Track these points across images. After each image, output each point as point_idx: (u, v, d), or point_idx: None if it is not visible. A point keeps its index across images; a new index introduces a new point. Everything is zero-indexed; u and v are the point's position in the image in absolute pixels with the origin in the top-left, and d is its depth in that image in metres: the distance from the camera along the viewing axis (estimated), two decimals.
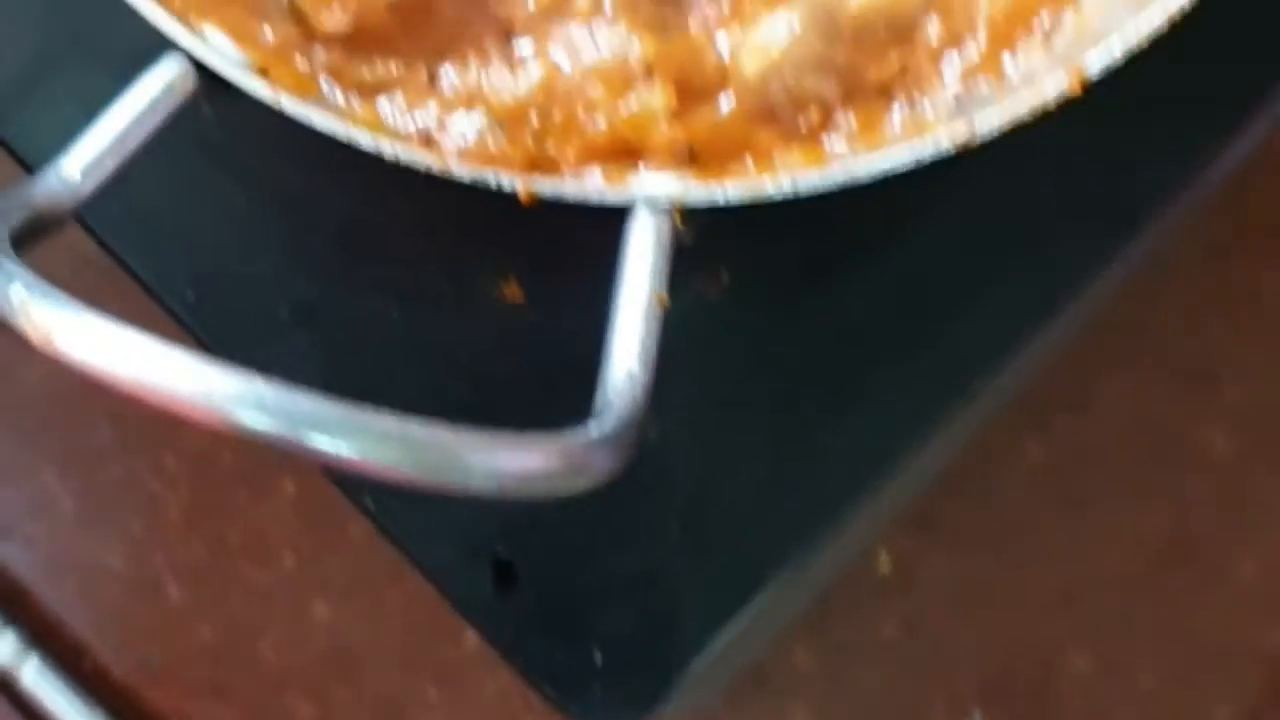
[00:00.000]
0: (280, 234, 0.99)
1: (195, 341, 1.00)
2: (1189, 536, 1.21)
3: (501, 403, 1.00)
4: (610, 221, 0.84)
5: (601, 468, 0.69)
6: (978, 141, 0.82)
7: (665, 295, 0.78)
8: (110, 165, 0.78)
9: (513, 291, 0.98)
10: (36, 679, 1.19)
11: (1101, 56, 0.81)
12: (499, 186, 0.81)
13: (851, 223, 1.01)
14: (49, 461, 1.22)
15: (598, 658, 0.99)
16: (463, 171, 0.80)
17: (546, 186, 0.81)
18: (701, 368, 1.01)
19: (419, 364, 1.00)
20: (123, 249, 0.99)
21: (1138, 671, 1.22)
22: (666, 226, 0.79)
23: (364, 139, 0.80)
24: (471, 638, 1.21)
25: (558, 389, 1.00)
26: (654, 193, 0.81)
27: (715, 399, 1.01)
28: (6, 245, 0.69)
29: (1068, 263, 1.03)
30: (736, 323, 1.01)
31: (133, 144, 0.79)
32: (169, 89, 0.80)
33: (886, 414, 1.02)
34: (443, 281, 1.00)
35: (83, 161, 0.77)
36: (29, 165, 0.98)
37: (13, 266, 0.67)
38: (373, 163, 0.82)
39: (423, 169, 0.81)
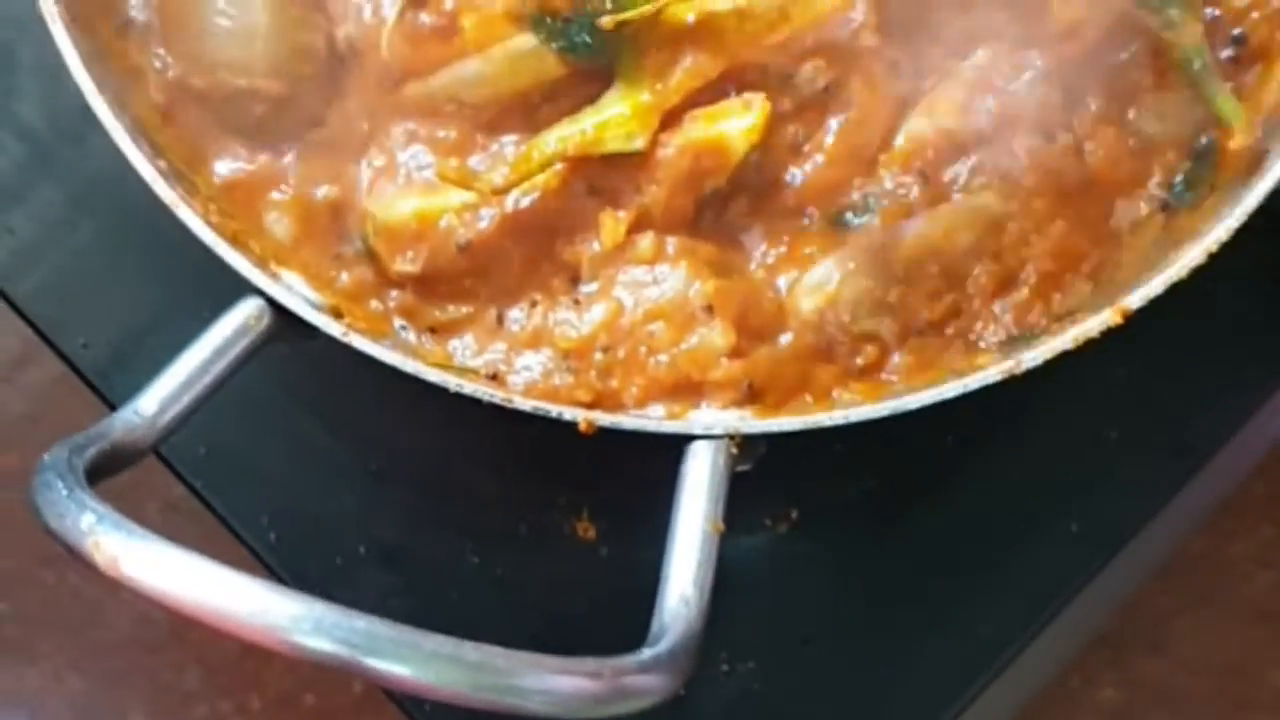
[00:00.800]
0: (358, 472, 1.02)
1: (276, 580, 1.01)
2: None
3: (574, 636, 1.01)
4: (678, 461, 0.86)
5: (654, 689, 0.70)
6: (1022, 370, 0.83)
7: (721, 523, 0.80)
8: (187, 401, 0.81)
9: (585, 527, 1.00)
10: None
11: (1146, 292, 0.83)
12: (559, 416, 0.83)
13: (916, 457, 1.03)
14: (137, 702, 1.24)
15: None
16: (524, 404, 0.83)
17: (605, 418, 0.83)
18: (770, 600, 1.02)
19: (494, 600, 1.02)
20: (204, 487, 1.02)
21: None
22: (722, 456, 0.81)
23: (432, 375, 0.83)
24: None
25: (629, 621, 1.02)
26: (712, 424, 0.83)
27: (783, 634, 1.02)
28: (81, 478, 0.72)
29: (1131, 497, 1.03)
30: (806, 557, 1.02)
31: (209, 381, 0.82)
32: (244, 328, 0.83)
33: (950, 653, 1.03)
34: (517, 520, 1.02)
35: (160, 398, 0.80)
36: (112, 404, 1.01)
37: (85, 497, 0.70)
38: (446, 400, 0.85)
39: (486, 401, 0.83)
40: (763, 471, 0.88)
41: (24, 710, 1.22)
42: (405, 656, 0.65)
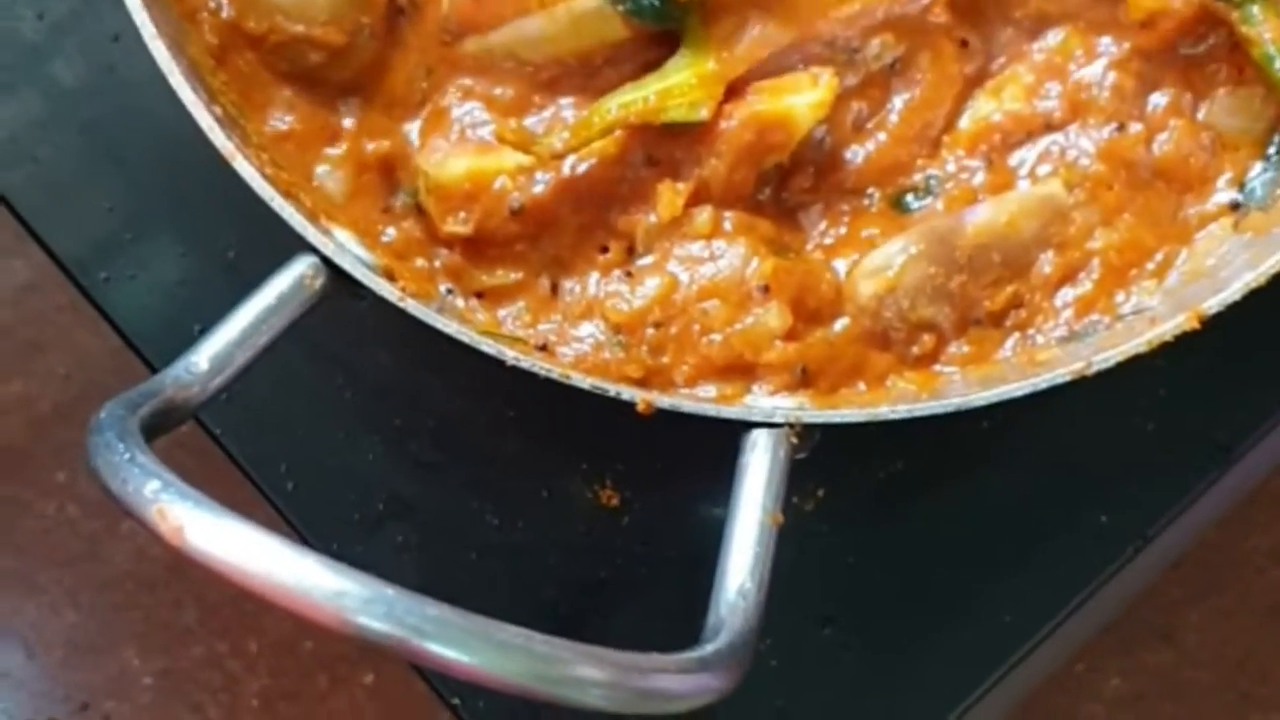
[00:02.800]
0: (383, 428, 1.00)
1: (290, 529, 1.00)
2: None
3: (591, 603, 1.00)
4: (716, 434, 0.84)
5: (715, 687, 0.69)
6: (1092, 372, 0.82)
7: (780, 515, 0.78)
8: (240, 360, 0.79)
9: (608, 495, 0.99)
10: None
11: (1224, 297, 0.81)
12: (618, 396, 0.81)
13: (948, 444, 1.01)
14: (131, 639, 1.22)
15: None
16: (582, 381, 0.81)
17: (665, 400, 0.81)
18: (790, 580, 1.01)
19: (509, 562, 1.01)
20: (226, 437, 1.00)
21: None
22: (784, 447, 0.79)
23: (486, 345, 0.81)
24: None
25: (648, 590, 1.01)
26: (772, 412, 0.82)
27: (804, 614, 1.01)
28: (140, 439, 0.70)
29: (1162, 491, 1.03)
30: (831, 537, 1.01)
31: (263, 339, 0.80)
32: (298, 286, 0.81)
33: (972, 640, 1.02)
34: (539, 484, 1.00)
35: (212, 355, 0.78)
36: (154, 365, 0.99)
37: (147, 461, 0.68)
38: (472, 360, 0.83)
39: (542, 375, 0.81)
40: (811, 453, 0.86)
41: (19, 640, 1.20)
42: (476, 648, 0.63)
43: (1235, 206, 0.91)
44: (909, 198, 0.91)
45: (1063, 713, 1.18)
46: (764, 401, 0.86)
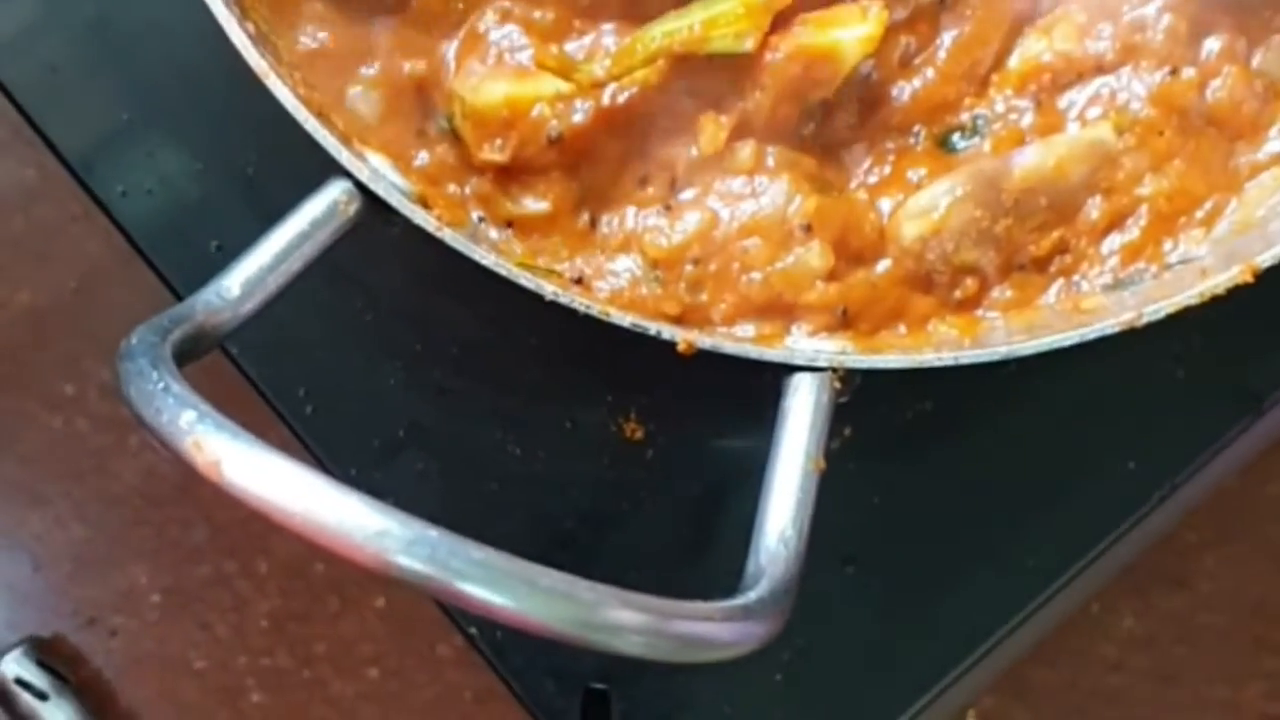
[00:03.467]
0: (403, 354, 0.99)
1: (308, 454, 0.99)
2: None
3: (612, 537, 0.99)
4: (745, 372, 0.83)
5: (758, 635, 0.68)
6: (1143, 323, 0.81)
7: (822, 461, 0.77)
8: (272, 285, 0.77)
9: (633, 428, 0.97)
10: None
11: (1278, 251, 0.80)
12: (658, 335, 0.80)
13: (977, 386, 1.00)
14: (140, 556, 1.21)
15: None
16: (623, 319, 0.79)
17: (706, 341, 0.80)
18: (815, 520, 0.99)
19: (530, 492, 0.99)
20: (244, 357, 0.99)
21: None
22: (826, 391, 0.78)
23: (524, 279, 0.79)
24: None
25: (668, 528, 1.00)
26: (815, 355, 0.80)
27: (827, 552, 1.00)
28: (173, 367, 0.68)
29: (1191, 439, 1.02)
30: (855, 475, 0.99)
31: (295, 265, 0.78)
32: (332, 212, 0.79)
33: (995, 584, 1.02)
34: (563, 415, 0.99)
35: (244, 279, 0.77)
36: (169, 281, 0.97)
37: (182, 390, 0.66)
38: (497, 292, 0.82)
39: (581, 312, 0.80)
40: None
41: (26, 553, 1.19)
42: (521, 593, 0.62)
43: None
44: (955, 137, 0.89)
45: (1075, 652, 1.17)
46: (804, 343, 0.85)
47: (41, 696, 1.15)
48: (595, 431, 0.99)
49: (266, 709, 1.21)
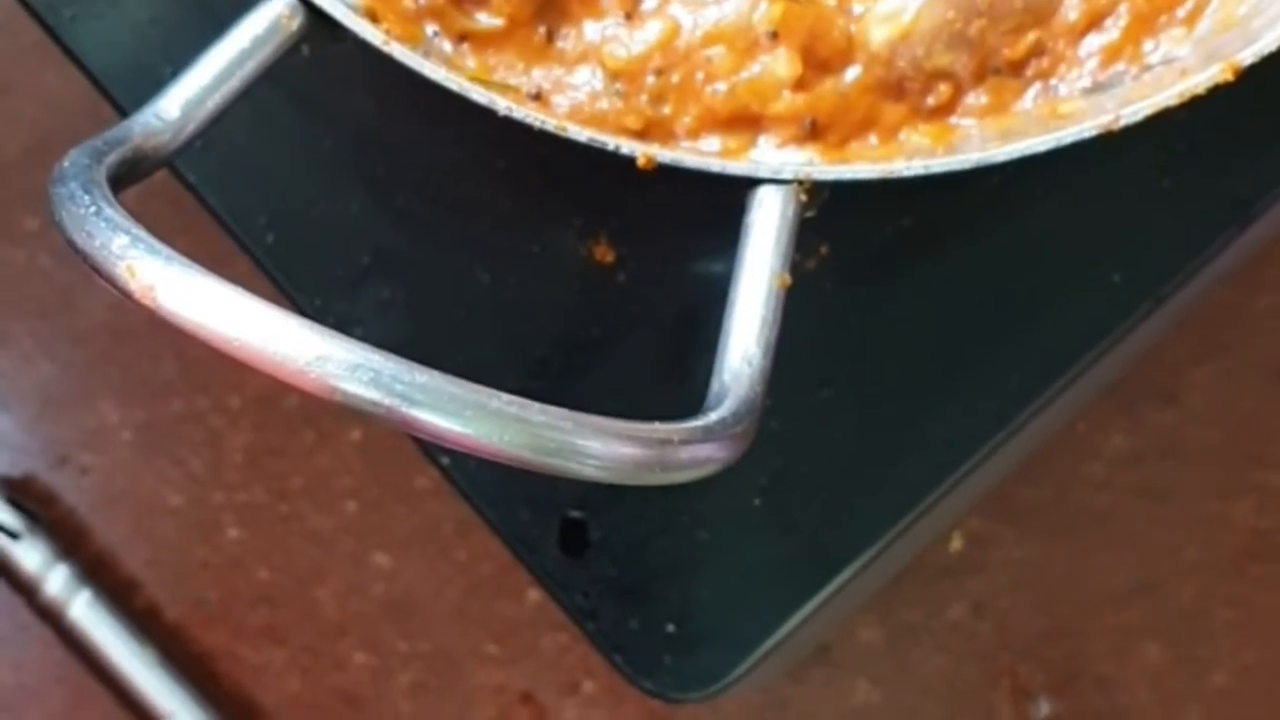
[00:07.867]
0: (366, 179, 0.96)
1: (272, 284, 0.96)
2: (1271, 532, 1.19)
3: (583, 360, 0.97)
4: (718, 190, 0.80)
5: (720, 457, 0.66)
6: (1120, 126, 0.78)
7: (788, 276, 0.74)
8: (212, 106, 0.74)
9: (603, 251, 0.95)
10: (86, 613, 1.17)
11: (1259, 48, 0.77)
12: (616, 150, 0.77)
13: (959, 201, 0.98)
14: (109, 392, 1.20)
15: (670, 629, 0.96)
16: (579, 134, 0.76)
17: (666, 154, 0.77)
18: (791, 342, 0.98)
19: (499, 320, 0.97)
20: (203, 186, 0.96)
21: (1212, 667, 1.20)
22: (792, 204, 0.75)
23: (477, 94, 0.76)
24: (533, 596, 1.19)
25: (641, 353, 0.98)
26: (780, 167, 0.77)
27: (803, 374, 0.98)
28: (107, 191, 0.65)
29: (1177, 250, 0.99)
30: (831, 295, 0.97)
31: (235, 85, 0.75)
32: (274, 27, 0.76)
33: (977, 401, 0.99)
34: (531, 238, 0.96)
35: (183, 100, 0.74)
36: (124, 109, 0.94)
37: (114, 214, 0.64)
38: (463, 113, 0.79)
39: (537, 128, 0.77)
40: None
41: None
42: (469, 416, 0.60)
43: None
44: None
45: (1062, 471, 1.16)
46: (771, 156, 0.82)
47: (14, 536, 1.14)
48: (565, 255, 0.97)
49: (244, 544, 1.20)
